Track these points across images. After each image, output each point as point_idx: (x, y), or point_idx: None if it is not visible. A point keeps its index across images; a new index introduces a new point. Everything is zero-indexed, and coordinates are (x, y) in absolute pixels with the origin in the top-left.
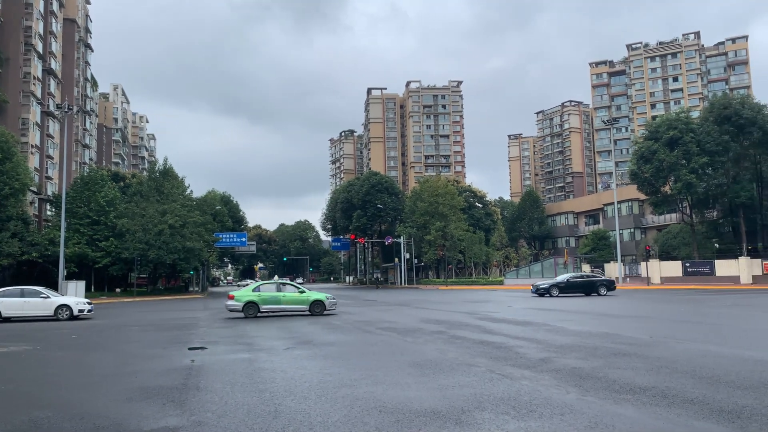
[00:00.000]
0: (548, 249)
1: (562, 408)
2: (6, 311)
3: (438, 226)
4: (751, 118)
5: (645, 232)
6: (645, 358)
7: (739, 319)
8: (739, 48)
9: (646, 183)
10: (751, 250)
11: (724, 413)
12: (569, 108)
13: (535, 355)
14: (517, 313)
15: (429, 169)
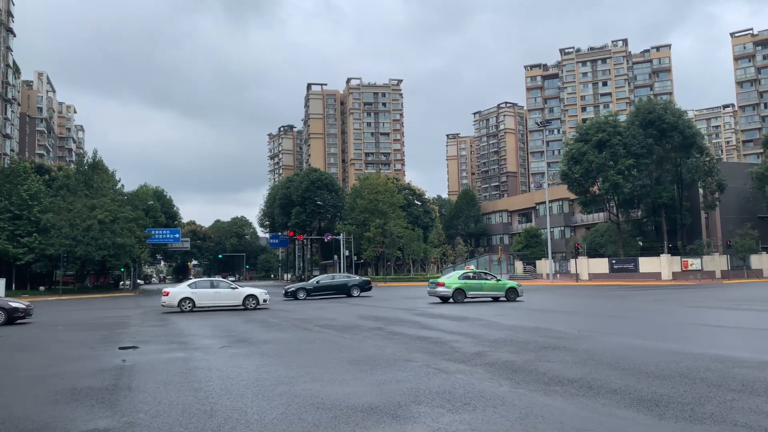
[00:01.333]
0: (484, 246)
1: (494, 400)
2: (200, 302)
3: (378, 224)
4: (673, 123)
5: (574, 230)
6: (573, 351)
7: (660, 313)
8: (662, 56)
9: (575, 183)
10: (671, 248)
11: (644, 402)
12: (505, 109)
13: (470, 349)
14: (454, 308)
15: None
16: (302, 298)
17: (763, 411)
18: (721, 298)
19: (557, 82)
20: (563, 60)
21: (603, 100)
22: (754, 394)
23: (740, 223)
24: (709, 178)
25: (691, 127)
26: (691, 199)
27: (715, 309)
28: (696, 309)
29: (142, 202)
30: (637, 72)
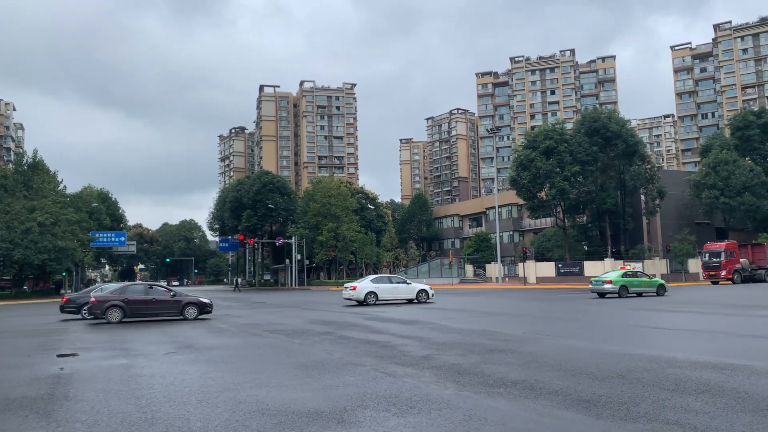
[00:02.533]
0: (435, 250)
1: (440, 403)
2: (383, 295)
3: (330, 227)
4: (617, 132)
5: (523, 235)
6: (518, 353)
7: (602, 315)
8: (607, 66)
9: (524, 189)
10: (615, 253)
11: (583, 402)
12: (457, 115)
13: (418, 352)
14: (405, 312)
15: (322, 170)
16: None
17: (692, 409)
18: (660, 300)
19: (507, 90)
20: (513, 68)
21: (551, 108)
22: (685, 393)
23: (679, 229)
24: (650, 186)
25: (634, 136)
26: (634, 205)
27: (654, 311)
28: (636, 311)
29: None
30: (584, 81)
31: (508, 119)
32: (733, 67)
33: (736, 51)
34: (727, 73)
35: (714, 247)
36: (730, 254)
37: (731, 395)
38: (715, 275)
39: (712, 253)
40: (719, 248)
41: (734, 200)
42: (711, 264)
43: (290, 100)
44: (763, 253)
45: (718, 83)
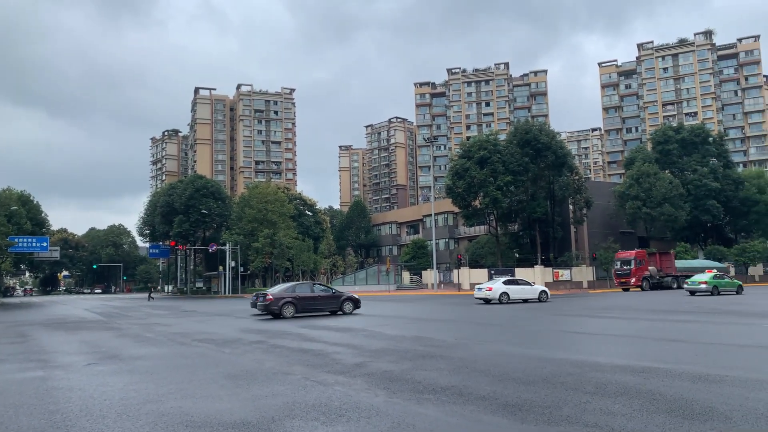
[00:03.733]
0: (373, 257)
1: (369, 411)
2: (513, 295)
3: (266, 234)
4: (547, 143)
5: (458, 242)
6: (449, 359)
7: (531, 321)
8: (539, 80)
9: (459, 197)
10: (544, 260)
11: (509, 407)
12: (395, 124)
13: (350, 360)
14: (339, 320)
15: (259, 175)
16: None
17: (611, 411)
18: (586, 306)
19: (444, 101)
20: (450, 79)
21: (486, 120)
22: (605, 396)
23: (604, 238)
24: (578, 196)
25: (563, 148)
26: (562, 214)
27: (580, 317)
28: (563, 317)
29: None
30: (517, 94)
31: (446, 129)
32: (654, 84)
33: (658, 70)
34: (649, 90)
35: (625, 255)
36: (640, 262)
37: (647, 397)
38: (626, 282)
39: (623, 261)
40: (629, 256)
41: (655, 210)
42: (622, 271)
43: (227, 103)
44: (670, 261)
45: (642, 99)
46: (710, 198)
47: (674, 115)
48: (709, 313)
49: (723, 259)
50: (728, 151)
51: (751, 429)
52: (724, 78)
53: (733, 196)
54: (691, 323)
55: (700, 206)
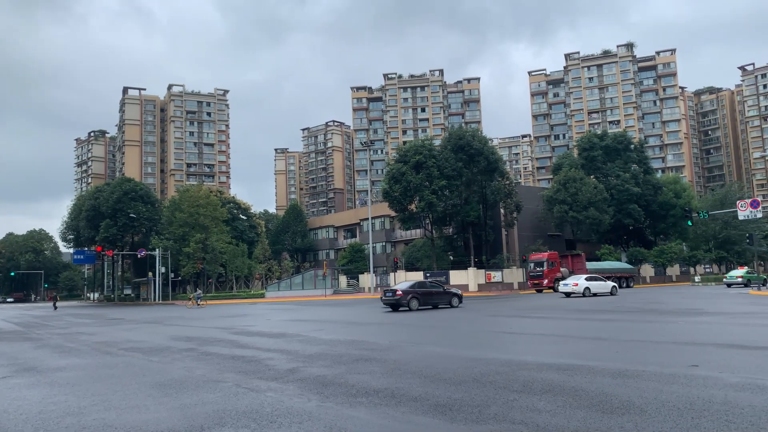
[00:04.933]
0: (310, 261)
1: (301, 416)
2: (593, 290)
3: (198, 238)
4: (480, 149)
5: (395, 246)
6: (383, 362)
7: (464, 322)
8: (472, 88)
9: (395, 201)
10: (477, 262)
11: (439, 407)
12: (332, 127)
13: (284, 366)
14: (274, 325)
15: (191, 178)
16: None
17: (536, 408)
18: (516, 307)
19: (381, 105)
20: (386, 84)
21: (421, 125)
22: (531, 394)
23: (533, 240)
24: (509, 200)
25: (495, 154)
26: (494, 217)
27: (511, 317)
28: (494, 318)
29: None
30: (452, 101)
31: (382, 133)
32: (581, 93)
33: (584, 79)
34: (576, 98)
35: (537, 257)
36: (552, 264)
37: (570, 394)
38: (539, 283)
39: (536, 263)
40: (542, 258)
41: (581, 214)
42: (535, 273)
43: (157, 104)
44: (581, 262)
45: (569, 107)
46: (632, 202)
47: (599, 123)
48: (629, 312)
49: (644, 260)
50: (648, 158)
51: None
52: (644, 88)
53: (653, 200)
54: (612, 322)
55: (622, 210)
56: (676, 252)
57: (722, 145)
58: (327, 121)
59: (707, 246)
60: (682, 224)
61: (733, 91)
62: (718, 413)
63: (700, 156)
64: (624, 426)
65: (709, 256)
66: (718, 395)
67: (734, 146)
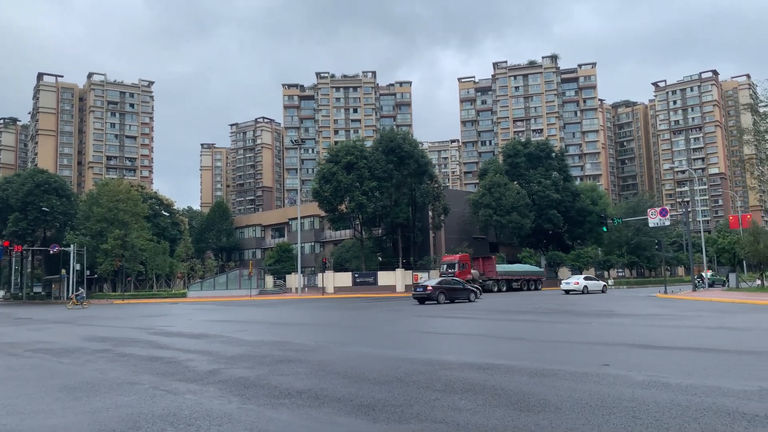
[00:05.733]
0: (235, 261)
1: (221, 418)
2: (590, 288)
3: (117, 234)
4: (410, 152)
5: (324, 246)
6: (308, 362)
7: (390, 322)
8: (404, 91)
9: (326, 201)
10: (405, 263)
11: (362, 408)
12: (262, 124)
13: (204, 367)
14: (196, 326)
15: (111, 172)
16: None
17: (457, 407)
18: (440, 307)
19: (313, 104)
20: (319, 83)
21: (353, 126)
22: (453, 393)
23: (459, 242)
24: (437, 203)
25: (425, 157)
26: (423, 220)
27: (435, 317)
28: (419, 318)
29: None
30: (383, 103)
31: (314, 132)
32: (507, 102)
33: (510, 88)
34: (502, 106)
35: (449, 258)
36: (463, 266)
37: (490, 392)
38: None
39: (448, 265)
40: (454, 260)
41: (504, 218)
42: (446, 274)
43: (75, 92)
44: (492, 265)
45: (495, 115)
46: (552, 208)
47: (523, 131)
48: (547, 313)
49: (561, 263)
50: (568, 166)
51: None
52: (566, 99)
53: (571, 206)
54: (531, 322)
55: (543, 215)
56: (591, 256)
57: (636, 156)
58: (257, 118)
59: (620, 251)
60: (597, 230)
61: (647, 105)
62: (626, 410)
63: (616, 166)
64: (540, 424)
65: (621, 260)
66: (626, 393)
67: (647, 157)
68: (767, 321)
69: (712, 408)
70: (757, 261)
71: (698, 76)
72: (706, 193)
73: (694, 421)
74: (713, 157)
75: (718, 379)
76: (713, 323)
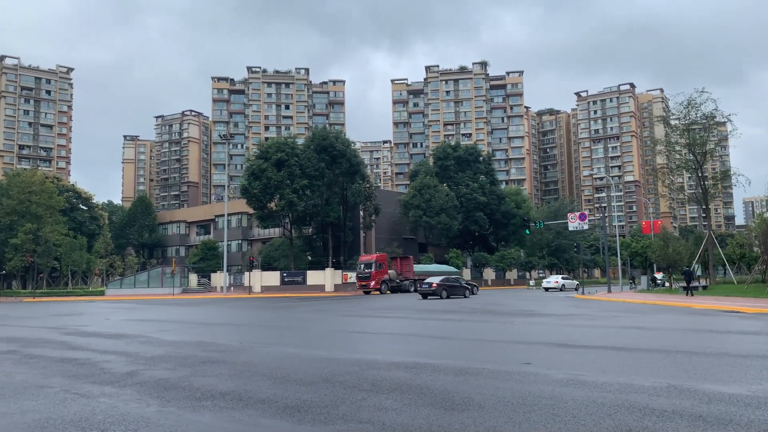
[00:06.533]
0: (158, 258)
1: (138, 422)
2: (567, 286)
3: (28, 228)
4: (343, 151)
5: (251, 244)
6: (232, 363)
7: (318, 322)
8: (338, 90)
9: (255, 198)
10: (335, 263)
11: (288, 409)
12: (190, 117)
13: (121, 369)
14: (114, 325)
15: (24, 162)
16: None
17: (384, 407)
18: (366, 306)
19: (243, 98)
20: (250, 78)
21: (285, 122)
22: (379, 393)
23: (390, 243)
24: (368, 203)
25: (357, 157)
26: (354, 219)
27: (364, 317)
28: (348, 318)
29: None
30: (316, 101)
31: (243, 128)
32: (438, 105)
33: (441, 92)
34: (433, 110)
35: (366, 258)
36: (380, 265)
37: (416, 392)
38: (366, 285)
39: (365, 264)
40: (371, 260)
41: (433, 219)
42: (363, 274)
43: None
44: (409, 265)
45: (427, 118)
46: (479, 210)
47: (453, 134)
48: (472, 313)
49: (486, 264)
50: (494, 170)
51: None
52: (494, 105)
53: (497, 209)
54: (457, 322)
55: (470, 217)
56: (514, 257)
57: (558, 162)
58: (184, 111)
59: (541, 253)
60: (521, 232)
61: (570, 114)
62: (546, 407)
63: (539, 171)
64: (464, 422)
65: (542, 262)
66: (546, 390)
67: (568, 164)
68: (675, 321)
69: (625, 404)
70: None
71: (617, 88)
72: (622, 199)
73: (609, 417)
74: (629, 166)
75: (630, 376)
76: (626, 323)
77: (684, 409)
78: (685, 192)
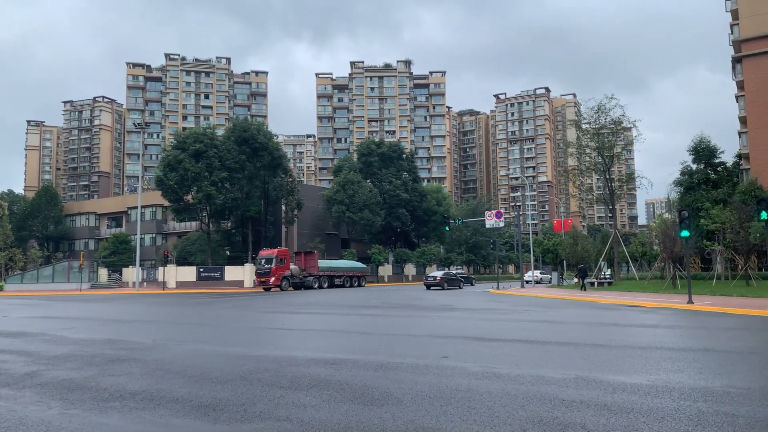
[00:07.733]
0: (64, 251)
1: (38, 426)
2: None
3: None
4: (264, 144)
5: (166, 238)
6: (143, 362)
7: (236, 319)
8: (260, 81)
9: (170, 190)
10: (255, 258)
11: (202, 408)
12: (102, 104)
13: (20, 369)
14: (12, 323)
15: None
16: None
17: (302, 404)
18: (289, 303)
19: (160, 86)
20: (168, 65)
21: (204, 113)
22: (299, 389)
23: (312, 238)
24: (290, 197)
25: (279, 150)
26: (275, 214)
27: (283, 313)
28: (267, 314)
29: None
30: (238, 92)
31: (160, 116)
32: (363, 101)
33: (366, 88)
34: (358, 105)
35: (267, 253)
36: (281, 261)
37: (336, 388)
38: (265, 281)
39: (265, 260)
40: (271, 254)
41: (357, 215)
42: (262, 270)
43: None
44: (314, 260)
45: (351, 113)
46: (401, 207)
47: (378, 131)
48: (393, 308)
49: (408, 260)
50: (417, 168)
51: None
52: (418, 104)
53: (419, 206)
54: (377, 317)
55: (393, 213)
56: (434, 254)
57: (477, 162)
58: (95, 96)
59: (460, 249)
60: (441, 229)
61: (489, 115)
62: (462, 400)
63: (459, 170)
64: (383, 417)
65: (461, 258)
66: (462, 383)
67: (486, 164)
68: (583, 315)
69: (536, 396)
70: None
71: (533, 92)
72: (536, 198)
73: (522, 408)
74: (543, 167)
75: (541, 368)
76: (538, 317)
77: (591, 399)
78: (593, 193)
